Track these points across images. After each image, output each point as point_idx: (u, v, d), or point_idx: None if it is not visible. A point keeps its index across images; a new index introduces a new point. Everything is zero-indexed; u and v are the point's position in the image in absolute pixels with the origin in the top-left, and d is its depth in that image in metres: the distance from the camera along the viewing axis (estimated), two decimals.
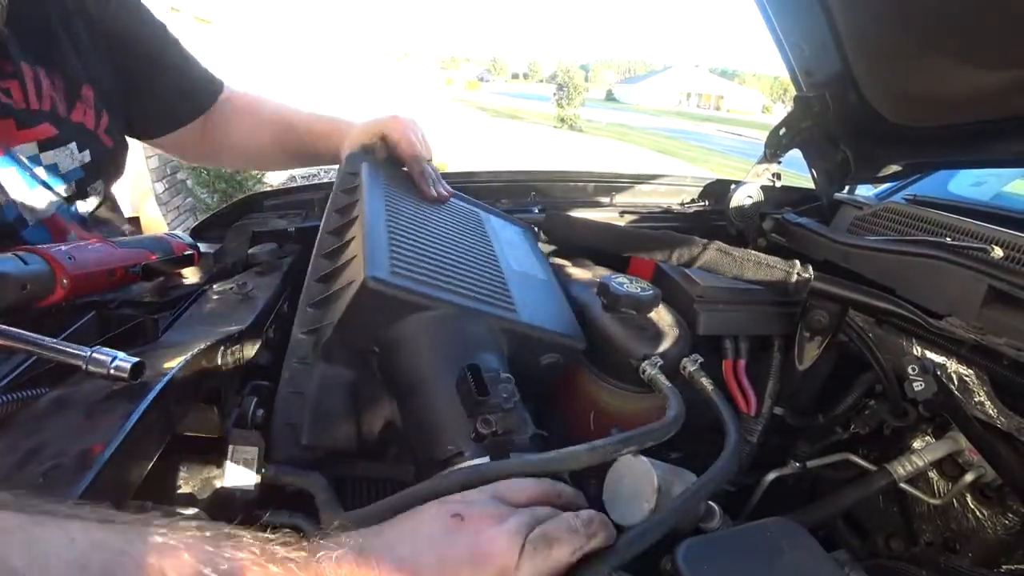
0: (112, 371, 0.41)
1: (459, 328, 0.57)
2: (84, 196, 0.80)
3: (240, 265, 0.84)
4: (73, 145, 0.74)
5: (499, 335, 0.60)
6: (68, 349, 0.42)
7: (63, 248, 0.55)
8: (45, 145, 0.70)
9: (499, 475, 0.44)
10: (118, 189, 0.89)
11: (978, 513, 0.71)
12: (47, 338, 0.43)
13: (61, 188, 0.75)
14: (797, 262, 0.80)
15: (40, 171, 0.71)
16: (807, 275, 0.78)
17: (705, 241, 0.83)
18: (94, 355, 0.42)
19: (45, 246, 0.54)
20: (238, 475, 0.50)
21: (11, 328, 0.42)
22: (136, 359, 0.42)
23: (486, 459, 0.48)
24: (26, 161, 0.69)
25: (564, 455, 0.47)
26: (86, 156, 0.76)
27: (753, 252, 0.81)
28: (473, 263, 0.67)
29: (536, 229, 0.98)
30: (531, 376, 0.63)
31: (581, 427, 0.74)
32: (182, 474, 0.52)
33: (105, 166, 0.82)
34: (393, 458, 0.61)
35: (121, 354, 0.42)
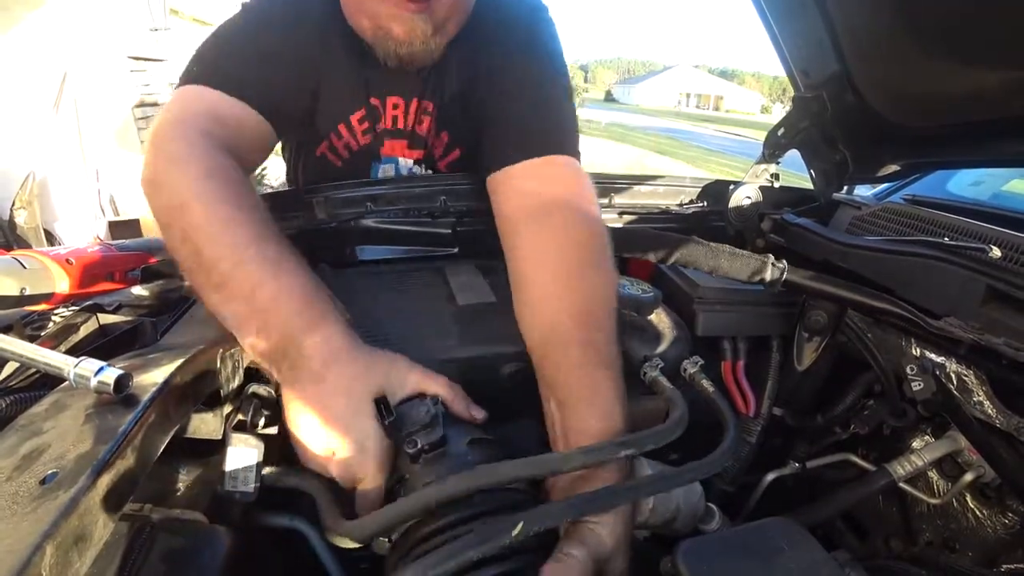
0: (97, 383, 0.40)
1: None
2: None
3: None
4: None
5: (443, 367, 0.59)
6: (53, 360, 0.41)
7: (62, 251, 0.55)
8: None
9: (486, 483, 0.43)
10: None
11: (977, 512, 0.71)
12: (33, 346, 0.43)
13: None
14: (771, 255, 0.80)
15: None
16: (782, 266, 0.78)
17: (682, 236, 0.83)
18: (79, 366, 0.41)
19: (44, 249, 0.54)
20: (238, 477, 0.50)
21: None
22: (121, 371, 0.41)
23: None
24: None
25: (558, 458, 0.47)
26: None
27: (727, 245, 0.81)
28: (417, 320, 0.67)
29: None
30: (501, 387, 0.63)
31: None
32: (182, 476, 0.52)
33: None
34: None
35: (107, 366, 0.41)
